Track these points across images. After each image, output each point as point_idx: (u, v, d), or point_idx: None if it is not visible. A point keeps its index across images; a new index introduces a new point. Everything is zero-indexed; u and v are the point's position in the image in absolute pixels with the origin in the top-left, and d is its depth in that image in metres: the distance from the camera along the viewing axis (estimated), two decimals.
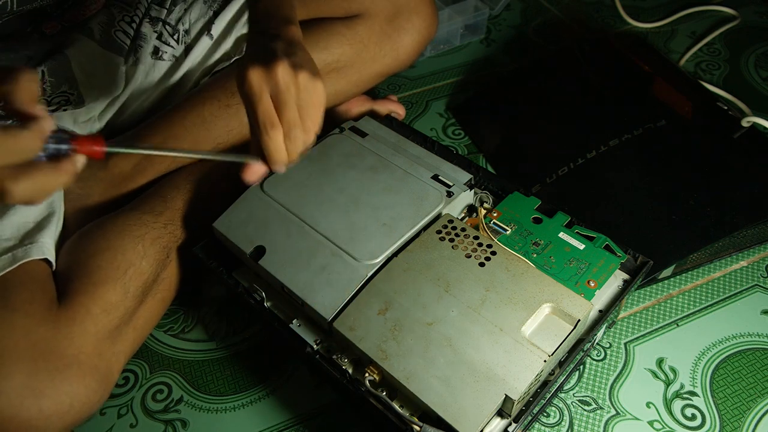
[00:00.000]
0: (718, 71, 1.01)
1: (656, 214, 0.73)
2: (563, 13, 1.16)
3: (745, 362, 0.65)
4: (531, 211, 0.66)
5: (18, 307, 0.55)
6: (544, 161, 0.83)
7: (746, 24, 1.09)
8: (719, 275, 0.74)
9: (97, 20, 0.69)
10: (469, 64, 1.05)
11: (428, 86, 1.01)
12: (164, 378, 0.67)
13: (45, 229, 0.62)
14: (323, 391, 0.65)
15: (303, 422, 0.63)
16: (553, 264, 0.62)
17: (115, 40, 0.71)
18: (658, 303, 0.71)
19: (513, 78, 0.98)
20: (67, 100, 0.70)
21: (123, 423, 0.63)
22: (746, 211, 0.72)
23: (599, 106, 0.88)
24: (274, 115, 0.51)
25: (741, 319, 0.69)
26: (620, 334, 0.68)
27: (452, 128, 0.94)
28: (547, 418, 0.62)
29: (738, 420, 0.61)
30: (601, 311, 0.60)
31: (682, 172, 0.77)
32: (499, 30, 1.13)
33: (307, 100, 0.51)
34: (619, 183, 0.77)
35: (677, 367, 0.65)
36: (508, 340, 0.54)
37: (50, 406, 0.53)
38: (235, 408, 0.64)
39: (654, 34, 1.09)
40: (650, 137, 0.81)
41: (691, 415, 0.62)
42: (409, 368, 0.53)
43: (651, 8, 1.15)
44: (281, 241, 0.62)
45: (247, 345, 0.69)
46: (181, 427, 0.63)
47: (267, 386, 0.66)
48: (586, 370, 0.65)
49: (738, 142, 0.80)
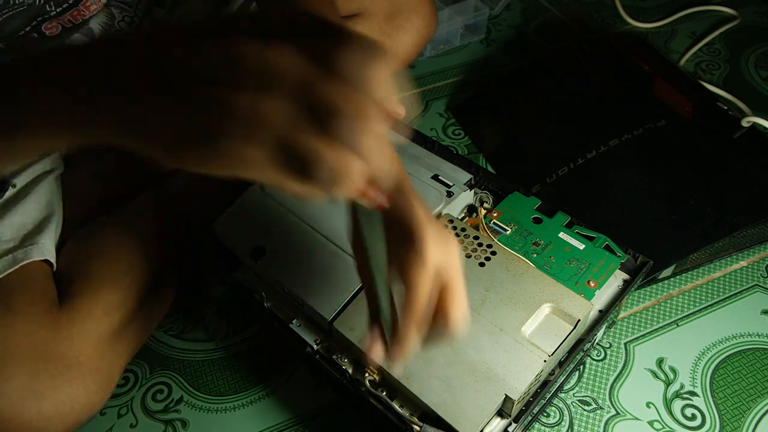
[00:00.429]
0: (718, 71, 1.01)
1: (656, 214, 0.73)
2: (563, 13, 1.16)
3: (745, 362, 0.65)
4: (531, 211, 0.66)
5: (19, 309, 0.55)
6: (544, 161, 0.83)
7: (746, 24, 1.09)
8: (719, 275, 0.74)
9: (97, 20, 0.68)
10: (469, 64, 1.05)
11: (428, 86, 1.01)
12: (164, 378, 0.67)
13: (45, 230, 0.62)
14: (323, 391, 0.65)
15: (303, 422, 0.63)
16: (553, 264, 0.62)
17: None
18: (658, 303, 0.71)
19: (513, 78, 0.98)
20: None
21: (123, 423, 0.63)
22: (746, 211, 0.72)
23: (599, 106, 0.88)
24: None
25: (741, 319, 0.69)
26: (620, 334, 0.68)
27: (452, 128, 0.94)
28: (547, 418, 0.62)
29: (738, 420, 0.61)
30: (601, 311, 0.60)
31: (682, 172, 0.77)
32: (499, 30, 1.13)
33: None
34: (619, 183, 0.77)
35: (677, 367, 0.65)
36: (508, 340, 0.54)
37: (51, 408, 0.53)
38: (235, 408, 0.64)
39: (654, 34, 1.09)
40: (650, 137, 0.81)
41: (691, 415, 0.62)
42: (409, 368, 0.53)
43: (651, 8, 1.15)
44: (281, 241, 0.62)
45: (247, 345, 0.69)
46: (181, 427, 0.63)
47: (267, 386, 0.66)
48: (586, 370, 0.65)
49: (738, 142, 0.80)
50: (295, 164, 0.29)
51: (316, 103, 0.28)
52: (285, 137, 0.28)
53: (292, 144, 0.28)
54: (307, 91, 0.27)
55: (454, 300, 0.42)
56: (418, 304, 0.40)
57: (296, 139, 0.28)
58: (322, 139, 0.28)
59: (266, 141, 0.28)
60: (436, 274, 0.41)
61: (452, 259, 0.42)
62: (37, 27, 0.61)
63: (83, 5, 0.64)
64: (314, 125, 0.28)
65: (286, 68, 0.27)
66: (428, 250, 0.40)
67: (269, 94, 0.27)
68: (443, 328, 0.42)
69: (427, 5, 0.87)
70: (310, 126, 0.28)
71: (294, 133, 0.28)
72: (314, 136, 0.28)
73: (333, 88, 0.27)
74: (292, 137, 0.28)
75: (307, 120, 0.28)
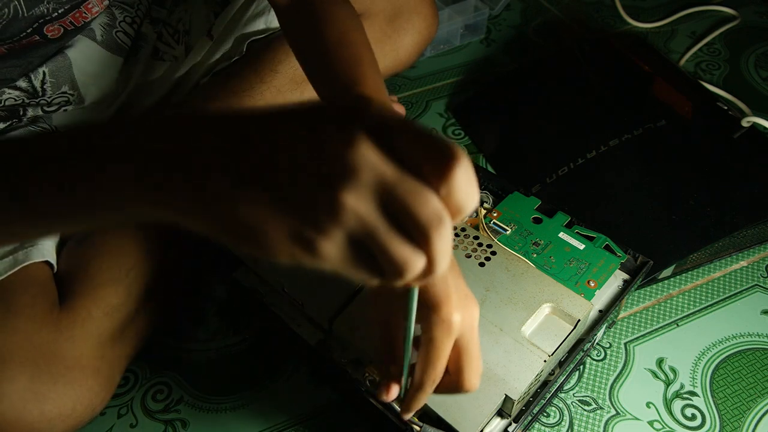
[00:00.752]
0: (718, 71, 1.01)
1: (656, 214, 0.73)
2: (563, 13, 1.16)
3: (745, 362, 0.66)
4: (531, 211, 0.66)
5: (20, 310, 0.55)
6: (544, 161, 0.83)
7: (746, 24, 1.09)
8: (719, 275, 0.74)
9: (98, 21, 0.69)
10: (469, 64, 1.05)
11: (428, 86, 1.01)
12: (164, 378, 0.67)
13: None
14: (323, 391, 0.65)
15: (303, 422, 0.63)
16: (553, 264, 0.62)
17: (116, 40, 0.71)
18: (658, 303, 0.71)
19: (513, 78, 0.98)
20: (67, 100, 0.70)
21: (123, 423, 0.63)
22: (746, 211, 0.72)
23: (599, 106, 0.88)
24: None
25: (741, 319, 0.69)
26: (620, 334, 0.68)
27: (452, 128, 0.94)
28: (547, 418, 0.62)
29: (738, 420, 0.61)
30: (601, 311, 0.60)
31: (682, 172, 0.77)
32: (499, 30, 1.13)
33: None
34: (619, 183, 0.77)
35: (677, 367, 0.65)
36: (508, 340, 0.54)
37: (52, 410, 0.53)
38: (235, 408, 0.64)
39: (654, 34, 1.09)
40: (650, 137, 0.81)
41: (691, 415, 0.62)
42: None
43: (651, 8, 1.15)
44: None
45: (247, 345, 0.69)
46: (181, 427, 0.63)
47: (267, 386, 0.66)
48: (586, 370, 0.65)
49: (738, 142, 0.80)
50: (363, 260, 0.30)
51: (396, 204, 0.28)
52: (362, 236, 0.29)
53: (367, 243, 0.29)
54: (389, 191, 0.28)
55: (470, 364, 0.44)
56: (439, 366, 0.42)
57: (373, 239, 0.29)
58: (397, 239, 0.29)
59: (340, 238, 0.29)
60: (455, 338, 0.43)
61: (473, 323, 0.44)
62: (38, 29, 0.61)
63: (85, 7, 0.64)
64: (392, 226, 0.29)
65: (373, 167, 0.28)
66: (453, 318, 0.41)
67: (353, 193, 0.28)
68: (456, 386, 0.45)
69: (428, 6, 0.87)
70: (387, 227, 0.29)
71: (372, 232, 0.29)
72: (391, 237, 0.29)
73: (413, 190, 0.28)
74: (370, 237, 0.29)
75: (385, 220, 0.29)
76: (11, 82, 0.65)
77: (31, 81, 0.66)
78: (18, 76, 0.65)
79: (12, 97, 0.66)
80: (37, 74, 0.66)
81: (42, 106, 0.69)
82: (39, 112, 0.69)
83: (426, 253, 0.29)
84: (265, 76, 0.75)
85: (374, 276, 0.30)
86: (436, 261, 0.30)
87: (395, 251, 0.29)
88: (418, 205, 0.28)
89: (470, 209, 0.30)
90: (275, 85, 0.76)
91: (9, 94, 0.66)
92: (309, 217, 0.28)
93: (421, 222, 0.28)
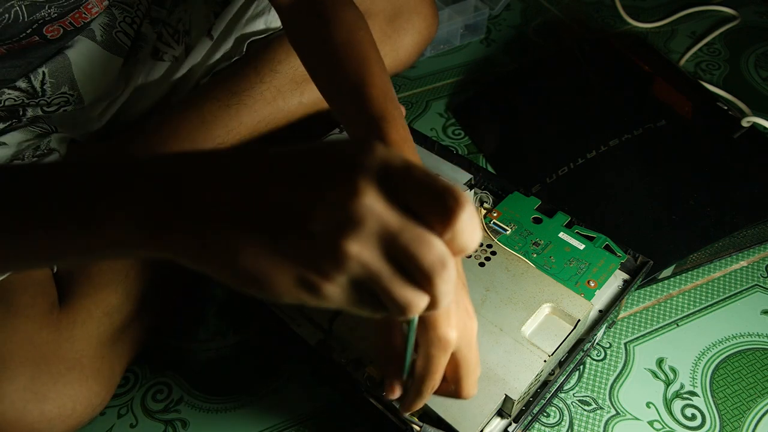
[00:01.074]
0: (718, 71, 1.01)
1: (656, 214, 0.73)
2: (563, 13, 1.16)
3: (745, 362, 0.66)
4: (531, 211, 0.66)
5: (20, 310, 0.55)
6: (544, 161, 0.83)
7: (746, 24, 1.09)
8: (719, 275, 0.74)
9: (98, 22, 0.69)
10: (469, 64, 1.05)
11: (428, 86, 1.01)
12: (164, 378, 0.67)
13: None
14: (323, 391, 0.65)
15: (303, 422, 0.63)
16: (553, 264, 0.62)
17: (116, 41, 0.71)
18: (658, 303, 0.71)
19: (513, 78, 0.98)
20: (67, 101, 0.70)
21: (123, 423, 0.63)
22: (746, 211, 0.72)
23: (599, 106, 0.88)
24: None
25: (741, 319, 0.69)
26: (620, 334, 0.68)
27: (452, 128, 0.94)
28: (547, 418, 0.62)
29: (738, 420, 0.61)
30: (601, 311, 0.60)
31: (682, 172, 0.77)
32: (499, 30, 1.13)
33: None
34: (619, 183, 0.78)
35: (677, 367, 0.65)
36: (508, 340, 0.54)
37: (53, 410, 0.53)
38: (235, 408, 0.64)
39: (654, 34, 1.09)
40: (650, 137, 0.81)
41: (691, 415, 0.62)
42: None
43: (651, 8, 1.15)
44: None
45: (246, 345, 0.69)
46: (181, 427, 0.63)
47: (267, 386, 0.66)
48: (586, 370, 0.65)
49: (738, 142, 0.80)
50: (367, 299, 0.31)
51: (400, 251, 0.29)
52: (366, 280, 0.30)
53: (371, 286, 0.30)
54: (393, 238, 0.29)
55: (467, 375, 0.45)
56: (436, 377, 0.43)
57: (377, 284, 0.30)
58: (401, 283, 0.30)
59: (344, 282, 0.30)
60: (454, 350, 0.43)
61: (470, 338, 0.44)
62: (38, 30, 0.61)
63: (84, 7, 0.64)
64: (395, 270, 0.30)
65: (377, 216, 0.28)
66: (449, 336, 0.41)
67: (358, 241, 0.28)
68: (453, 393, 0.47)
69: (428, 6, 0.87)
70: (391, 272, 0.30)
71: (375, 278, 0.29)
72: (394, 281, 0.30)
73: (417, 238, 0.29)
74: (374, 282, 0.30)
75: (389, 265, 0.29)
76: (11, 83, 0.65)
77: (30, 81, 0.66)
78: (17, 77, 0.65)
79: (12, 98, 0.66)
80: (37, 75, 0.66)
81: (42, 106, 0.69)
82: (39, 113, 0.70)
83: (429, 294, 0.30)
84: (265, 76, 0.76)
85: (378, 312, 0.31)
86: (438, 300, 0.30)
87: (399, 294, 0.30)
88: (422, 251, 0.29)
89: (473, 248, 0.30)
90: (275, 85, 0.76)
91: (8, 94, 0.66)
92: (314, 265, 0.29)
93: (424, 268, 0.29)
